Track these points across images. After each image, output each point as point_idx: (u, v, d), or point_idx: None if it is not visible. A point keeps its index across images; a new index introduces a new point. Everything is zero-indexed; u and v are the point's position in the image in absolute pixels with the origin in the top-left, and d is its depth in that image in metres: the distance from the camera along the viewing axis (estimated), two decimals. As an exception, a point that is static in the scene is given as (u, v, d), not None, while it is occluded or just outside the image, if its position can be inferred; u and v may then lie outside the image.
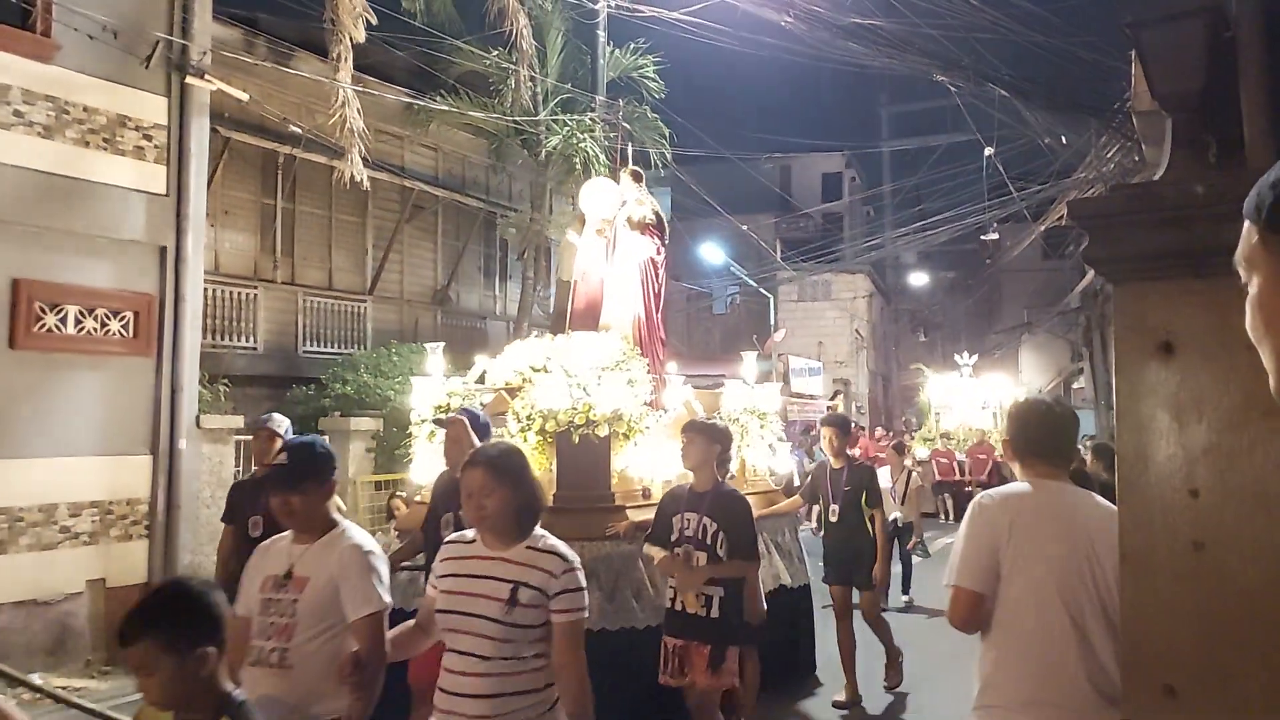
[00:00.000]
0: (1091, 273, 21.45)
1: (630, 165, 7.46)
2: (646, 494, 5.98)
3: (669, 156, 14.62)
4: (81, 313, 7.59)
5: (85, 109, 7.85)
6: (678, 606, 4.58)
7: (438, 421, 5.08)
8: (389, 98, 11.85)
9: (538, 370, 5.90)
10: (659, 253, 7.06)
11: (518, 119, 12.67)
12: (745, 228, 21.24)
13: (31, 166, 7.43)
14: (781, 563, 6.63)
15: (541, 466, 5.79)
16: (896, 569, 9.27)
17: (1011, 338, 29.25)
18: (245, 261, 12.35)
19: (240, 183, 12.22)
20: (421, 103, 12.28)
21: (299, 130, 11.20)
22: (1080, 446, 12.60)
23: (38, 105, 7.53)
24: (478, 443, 4.46)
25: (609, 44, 13.46)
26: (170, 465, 7.92)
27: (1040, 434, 2.73)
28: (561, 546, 2.74)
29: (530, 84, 12.78)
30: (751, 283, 22.36)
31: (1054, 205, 19.55)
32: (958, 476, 15.25)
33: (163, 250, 8.30)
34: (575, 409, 5.61)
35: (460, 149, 14.90)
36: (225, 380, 9.74)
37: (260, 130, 11.59)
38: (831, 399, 24.16)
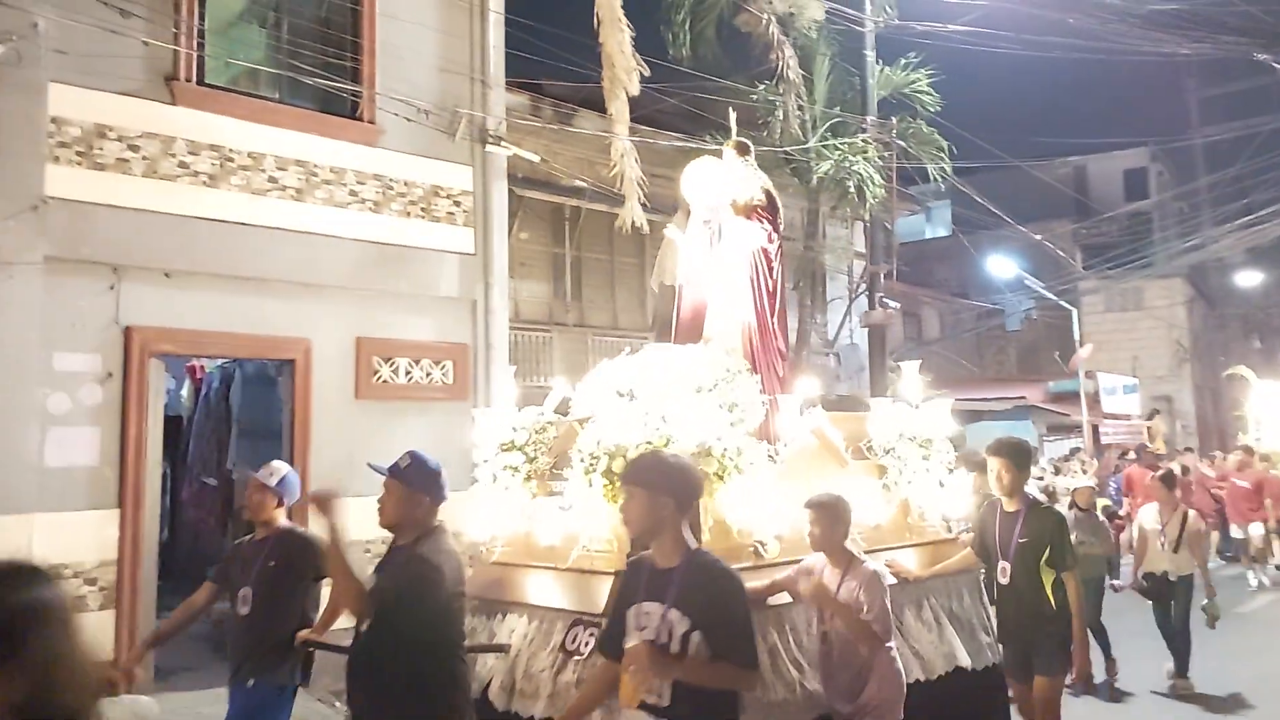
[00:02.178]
0: None
1: (735, 137, 6.24)
2: (760, 553, 4.63)
3: (949, 169, 14.03)
4: (410, 364, 8.51)
5: (405, 183, 8.85)
6: None
7: (390, 471, 3.65)
8: (662, 144, 12.33)
9: (623, 395, 4.75)
10: (771, 240, 5.72)
11: (787, 149, 12.69)
12: (1039, 237, 19.79)
13: (365, 238, 8.47)
14: (957, 638, 5.10)
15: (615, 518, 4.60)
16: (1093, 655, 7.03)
17: (1377, 339, 24.95)
18: (540, 308, 13.29)
19: (533, 236, 13.19)
20: (693, 145, 12.63)
21: (583, 184, 11.91)
22: None
23: (368, 184, 8.59)
24: (404, 504, 3.52)
25: (878, 63, 13.19)
26: (485, 500, 8.62)
27: None
28: None
29: (799, 112, 12.78)
30: (1049, 295, 20.73)
31: None
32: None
33: (473, 303, 9.13)
34: (650, 443, 4.45)
35: (732, 184, 15.14)
36: (528, 420, 10.47)
37: (548, 186, 12.45)
38: (1149, 418, 21.80)
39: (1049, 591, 4.73)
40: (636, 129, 10.55)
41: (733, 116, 6.57)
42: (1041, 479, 12.90)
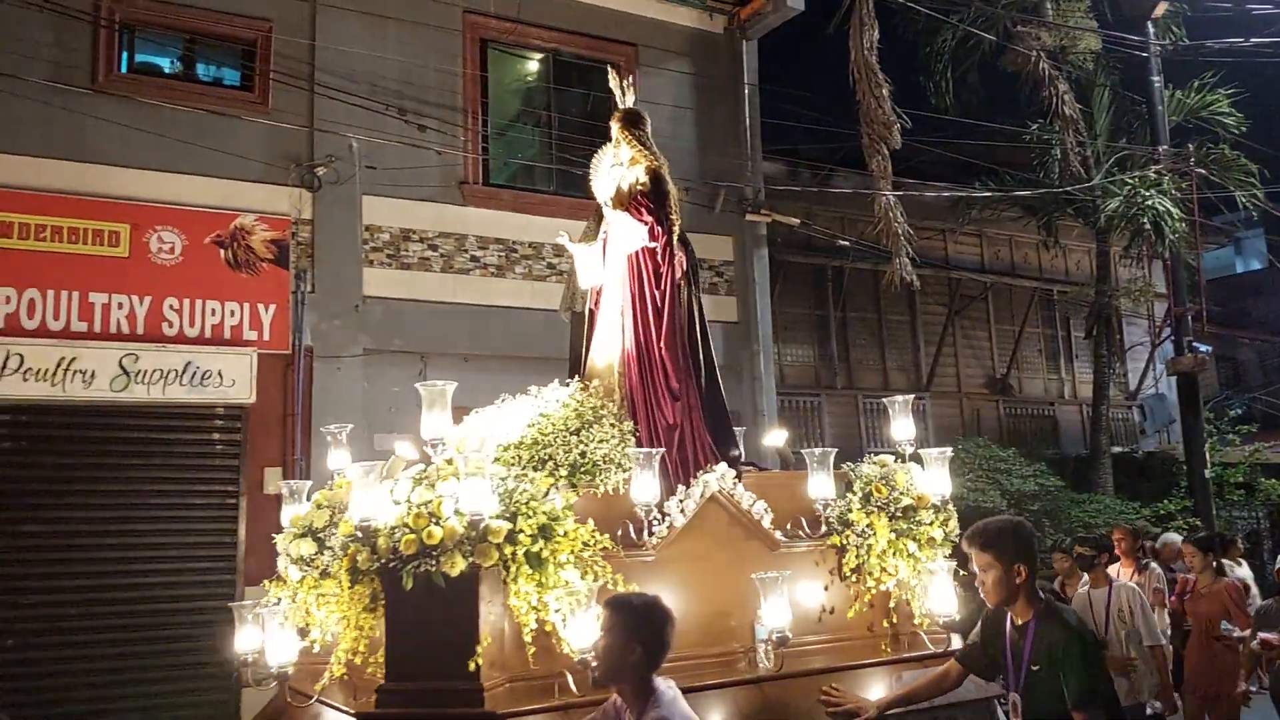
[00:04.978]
0: None
1: (624, 105, 4.80)
2: (594, 678, 3.06)
3: (1261, 195, 12.48)
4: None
5: (670, 258, 9.13)
6: None
7: None
8: (928, 195, 11.92)
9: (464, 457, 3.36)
10: (655, 236, 4.28)
11: (1068, 189, 11.84)
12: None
13: (635, 314, 8.80)
14: None
15: (363, 633, 3.39)
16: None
17: None
18: (806, 372, 13.13)
19: (795, 299, 13.12)
20: (964, 194, 12.11)
21: (845, 243, 11.74)
22: None
23: (636, 262, 8.96)
24: None
25: (1168, 87, 12.09)
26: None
27: None
28: None
29: (1079, 149, 11.92)
30: None
31: None
32: None
33: (739, 371, 9.18)
34: (405, 524, 3.18)
35: (1005, 231, 14.35)
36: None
37: (808, 248, 12.38)
38: None
39: None
40: (900, 182, 10.29)
41: (614, 81, 4.98)
42: None
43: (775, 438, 4.56)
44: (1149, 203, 11.22)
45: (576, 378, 4.38)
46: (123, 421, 7.03)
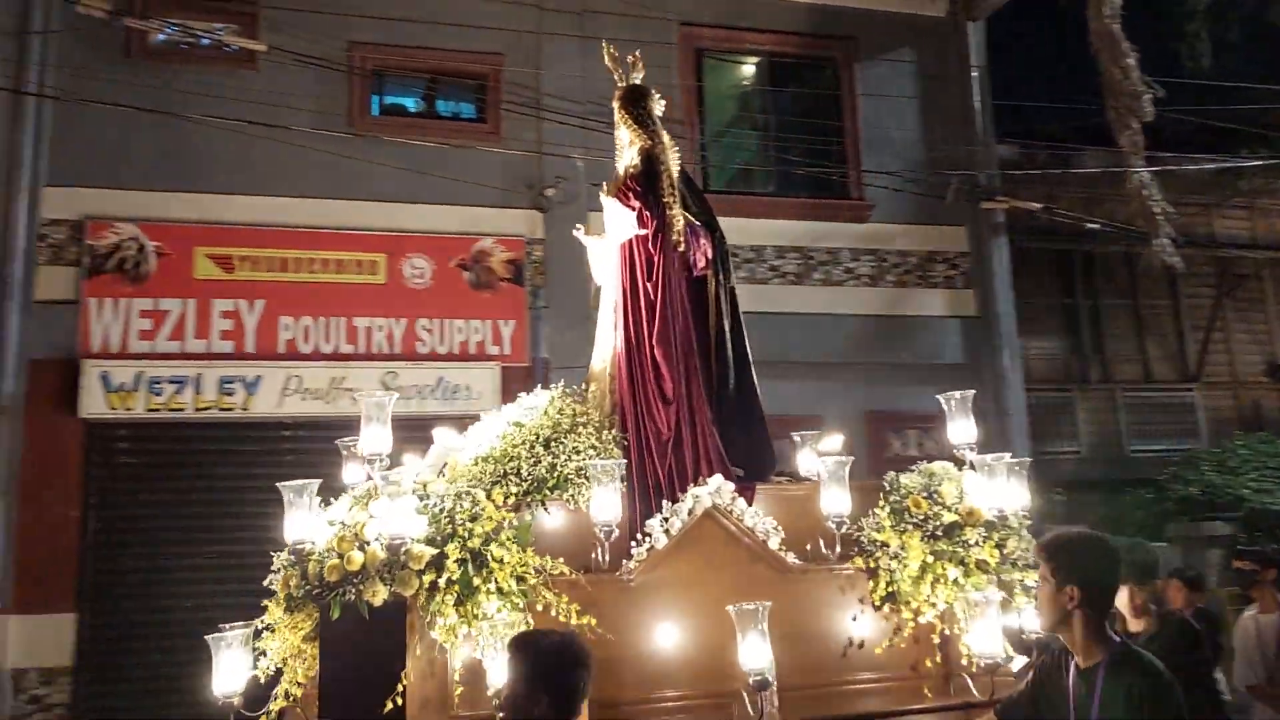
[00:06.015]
0: None
1: (626, 83, 4.37)
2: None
3: None
4: (920, 435, 8.31)
5: (899, 253, 8.82)
6: None
7: None
8: (1188, 168, 10.83)
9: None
10: (645, 223, 3.87)
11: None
12: None
13: (863, 312, 8.58)
14: None
15: (305, 664, 3.21)
16: None
17: None
18: (1055, 366, 12.24)
19: (1038, 289, 12.27)
20: (1230, 163, 10.90)
21: (1093, 226, 10.86)
22: None
23: (861, 260, 8.72)
24: None
25: None
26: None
27: None
28: None
29: (1370, 100, 10.41)
30: None
31: None
32: None
33: (981, 368, 8.69)
34: (333, 548, 2.99)
35: (1282, 200, 12.79)
36: (1057, 489, 9.60)
37: (1051, 233, 11.54)
38: None
39: None
40: (1155, 156, 9.39)
41: (610, 58, 4.56)
42: None
43: (830, 443, 4.11)
44: None
45: (562, 383, 4.08)
46: (386, 435, 7.63)
